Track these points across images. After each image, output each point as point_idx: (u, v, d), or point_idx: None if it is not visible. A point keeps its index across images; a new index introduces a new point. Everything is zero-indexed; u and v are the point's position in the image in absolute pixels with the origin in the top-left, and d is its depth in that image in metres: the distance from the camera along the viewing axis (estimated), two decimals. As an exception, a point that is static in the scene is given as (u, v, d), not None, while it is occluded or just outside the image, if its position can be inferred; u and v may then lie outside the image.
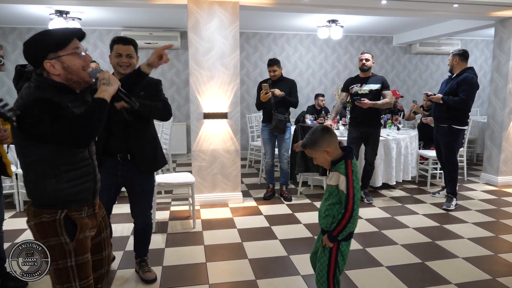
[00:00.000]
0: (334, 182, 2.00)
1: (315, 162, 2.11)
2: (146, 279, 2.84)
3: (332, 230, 2.02)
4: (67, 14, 5.72)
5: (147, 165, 2.68)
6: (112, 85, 1.63)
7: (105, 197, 2.65)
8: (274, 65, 4.66)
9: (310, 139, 2.05)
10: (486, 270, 3.02)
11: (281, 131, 4.67)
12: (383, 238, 3.70)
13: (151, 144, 2.69)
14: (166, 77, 7.50)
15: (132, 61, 2.56)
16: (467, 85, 4.32)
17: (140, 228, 2.84)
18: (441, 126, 4.59)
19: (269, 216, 4.30)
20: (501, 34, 5.50)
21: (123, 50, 2.53)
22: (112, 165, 2.60)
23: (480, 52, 8.72)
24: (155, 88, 2.68)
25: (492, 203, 4.77)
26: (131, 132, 2.57)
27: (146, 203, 2.80)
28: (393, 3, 4.71)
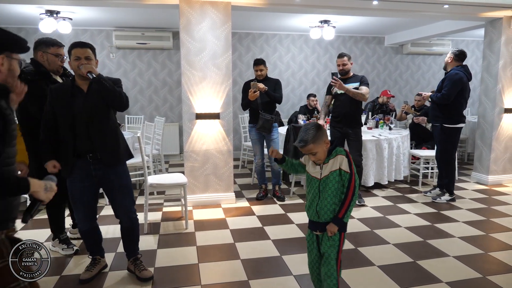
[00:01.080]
0: (335, 167, 2.09)
1: (312, 158, 2.12)
2: (143, 277, 2.84)
3: (337, 213, 2.08)
4: (57, 14, 5.67)
5: (110, 157, 2.69)
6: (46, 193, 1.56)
7: (86, 199, 2.72)
8: (261, 65, 4.67)
9: (311, 135, 2.08)
10: (477, 268, 3.04)
11: (267, 131, 4.66)
12: (375, 237, 3.72)
13: (112, 137, 2.71)
14: (159, 77, 7.47)
15: (91, 63, 2.61)
16: (449, 81, 4.45)
17: (127, 225, 2.85)
18: (435, 125, 4.72)
19: (262, 216, 4.30)
20: (491, 35, 5.56)
21: (81, 53, 2.59)
22: (84, 166, 2.66)
23: (471, 53, 8.79)
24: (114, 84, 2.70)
25: (483, 202, 4.81)
26: (93, 129, 2.62)
27: (128, 198, 2.82)
28: (384, 3, 4.73)
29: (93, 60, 2.65)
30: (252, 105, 4.68)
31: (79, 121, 2.59)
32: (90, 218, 2.82)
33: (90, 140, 2.62)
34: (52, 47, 3.06)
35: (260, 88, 4.50)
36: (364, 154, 4.94)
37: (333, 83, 4.31)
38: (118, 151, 2.74)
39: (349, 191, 2.06)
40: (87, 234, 2.86)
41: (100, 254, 2.98)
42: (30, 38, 6.82)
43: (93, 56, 2.65)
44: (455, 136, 4.63)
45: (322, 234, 2.16)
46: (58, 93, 2.64)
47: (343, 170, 2.07)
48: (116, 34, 6.93)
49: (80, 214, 2.77)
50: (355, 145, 4.59)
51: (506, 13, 5.20)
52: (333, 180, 2.09)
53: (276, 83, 4.75)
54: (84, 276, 2.84)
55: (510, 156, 5.71)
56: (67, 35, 6.77)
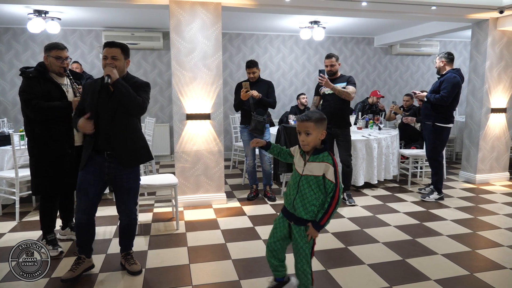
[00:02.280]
0: (319, 173, 2.10)
1: (302, 138, 2.13)
2: (132, 271, 2.94)
3: (319, 221, 2.13)
4: (46, 14, 5.62)
5: (127, 159, 2.78)
6: None
7: (92, 192, 2.77)
8: (254, 67, 4.67)
9: (316, 115, 2.13)
10: (465, 266, 3.09)
11: (260, 132, 4.66)
12: (365, 236, 3.75)
13: (132, 139, 2.82)
14: (149, 78, 7.44)
15: (117, 63, 2.74)
16: (448, 83, 4.54)
17: (125, 224, 2.95)
18: (426, 124, 4.81)
19: (253, 216, 4.31)
20: (478, 36, 5.65)
21: (109, 53, 2.73)
22: (100, 162, 2.75)
23: (459, 53, 8.91)
24: (140, 88, 2.84)
25: (470, 201, 4.89)
26: (114, 129, 2.72)
27: (132, 199, 2.92)
28: (373, 5, 4.78)
29: (121, 60, 2.76)
30: (245, 106, 4.69)
31: (102, 119, 2.69)
32: (89, 211, 2.82)
33: (110, 138, 2.71)
34: (53, 50, 3.16)
35: (254, 96, 4.51)
36: (354, 154, 4.98)
37: (320, 80, 4.35)
38: (136, 154, 2.83)
39: (333, 201, 2.10)
40: (82, 227, 2.84)
41: (86, 254, 2.96)
42: (18, 38, 6.75)
43: (122, 57, 2.77)
44: (446, 135, 4.76)
45: (297, 226, 2.21)
46: (89, 89, 2.77)
47: (328, 179, 2.09)
48: (105, 34, 6.89)
49: (82, 205, 2.79)
50: (344, 145, 4.62)
51: (492, 15, 5.29)
52: (313, 185, 2.12)
53: (269, 86, 4.74)
54: (66, 276, 2.79)
55: (497, 155, 5.81)
56: (56, 35, 6.71)
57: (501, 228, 3.95)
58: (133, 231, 3.04)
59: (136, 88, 2.77)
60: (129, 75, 2.88)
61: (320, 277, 2.93)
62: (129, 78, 2.83)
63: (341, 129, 4.58)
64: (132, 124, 2.83)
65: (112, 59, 2.71)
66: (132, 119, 2.82)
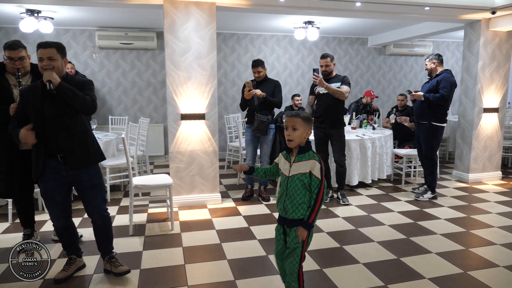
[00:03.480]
0: (305, 170, 2.13)
1: (287, 133, 2.16)
2: (119, 273, 2.86)
3: (307, 219, 2.15)
4: (38, 13, 5.57)
5: (78, 160, 2.68)
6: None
7: (59, 198, 2.71)
8: (259, 66, 4.67)
9: (305, 114, 2.21)
10: (458, 264, 3.12)
11: (263, 132, 4.67)
12: (360, 235, 3.77)
13: (81, 140, 2.69)
14: (143, 78, 7.41)
15: (54, 63, 2.59)
16: (446, 82, 4.60)
17: (99, 223, 2.86)
18: (422, 123, 4.83)
19: (248, 216, 4.31)
20: (470, 36, 5.70)
21: (44, 54, 2.58)
22: (55, 165, 2.66)
23: (451, 54, 8.99)
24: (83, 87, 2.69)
25: (464, 200, 4.93)
26: (61, 131, 2.62)
27: (99, 196, 2.82)
28: (367, 5, 4.80)
29: (58, 60, 2.61)
30: (249, 106, 4.69)
31: (49, 123, 2.58)
32: (64, 216, 2.80)
33: (59, 142, 2.62)
34: (6, 50, 3.10)
35: (258, 95, 4.50)
36: (348, 153, 5.00)
37: (314, 79, 4.36)
38: (87, 155, 2.72)
39: (318, 198, 2.13)
40: (61, 232, 2.84)
41: (76, 254, 2.95)
42: (10, 38, 6.68)
43: (59, 56, 2.62)
44: (441, 134, 4.82)
45: (290, 229, 2.21)
46: (28, 95, 2.63)
47: (314, 175, 2.12)
48: (99, 34, 6.85)
49: (54, 213, 2.76)
50: (338, 145, 4.64)
51: (484, 16, 5.34)
52: (300, 182, 2.14)
53: (276, 85, 4.74)
54: (58, 276, 2.78)
55: (489, 154, 5.86)
56: (49, 35, 6.66)
57: (494, 226, 3.99)
58: (110, 230, 2.93)
59: (79, 87, 2.64)
60: (68, 75, 2.72)
61: (315, 276, 2.94)
62: (69, 79, 2.68)
63: (336, 129, 4.60)
64: (80, 124, 2.70)
65: (49, 60, 2.56)
66: (79, 120, 2.70)
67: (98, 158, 2.83)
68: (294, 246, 2.18)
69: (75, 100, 2.58)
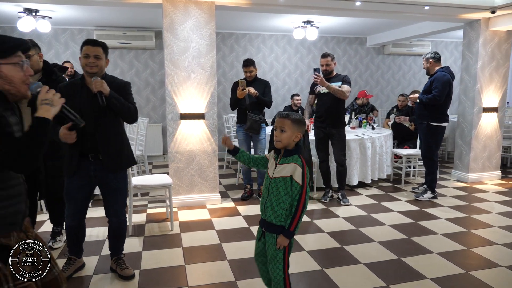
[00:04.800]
0: (287, 174, 2.04)
1: (276, 134, 2.07)
2: (124, 276, 2.87)
3: (288, 227, 2.04)
4: (36, 12, 5.53)
5: (112, 163, 2.69)
6: (56, 106, 1.56)
7: (80, 196, 2.72)
8: (251, 66, 4.65)
9: (296, 116, 2.11)
10: (460, 264, 3.11)
11: (256, 131, 4.65)
12: (360, 235, 3.75)
13: (117, 142, 2.72)
14: (141, 77, 7.38)
15: (99, 62, 2.61)
16: (438, 82, 4.57)
17: (115, 226, 2.88)
18: (421, 124, 4.83)
19: (248, 216, 4.29)
20: (470, 36, 5.69)
21: (91, 51, 2.60)
22: (85, 165, 2.66)
23: (450, 53, 8.99)
24: (123, 90, 2.73)
25: (463, 199, 4.92)
26: (98, 132, 2.62)
27: (120, 201, 2.84)
28: (367, 4, 4.78)
29: (103, 60, 2.64)
30: (241, 105, 4.67)
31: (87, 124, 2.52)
32: (79, 215, 2.80)
33: (94, 142, 2.62)
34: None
35: (251, 93, 4.47)
36: (348, 153, 4.99)
37: (315, 78, 4.34)
38: (121, 158, 2.74)
39: (299, 204, 2.02)
40: (73, 229, 2.83)
41: (76, 255, 2.94)
42: (8, 37, 6.63)
43: (104, 56, 2.64)
44: (440, 134, 4.79)
45: (268, 234, 2.12)
46: (67, 92, 2.53)
47: (295, 180, 2.02)
48: (97, 33, 6.81)
49: (71, 210, 2.76)
50: (339, 145, 4.63)
51: (483, 15, 5.33)
52: (283, 186, 2.04)
53: (266, 85, 4.72)
54: None
55: (489, 154, 5.86)
56: (46, 34, 6.62)
57: (494, 226, 3.98)
58: (124, 233, 2.97)
59: (119, 90, 2.66)
60: (107, 75, 2.72)
61: (317, 276, 2.92)
62: (108, 79, 2.68)
63: (336, 128, 4.58)
64: (117, 127, 2.73)
65: (95, 58, 2.58)
66: (117, 121, 2.72)
67: (130, 161, 2.85)
68: (273, 254, 2.08)
69: (121, 110, 2.61)
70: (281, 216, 2.06)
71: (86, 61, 2.59)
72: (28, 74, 1.53)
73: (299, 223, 2.05)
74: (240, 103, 4.63)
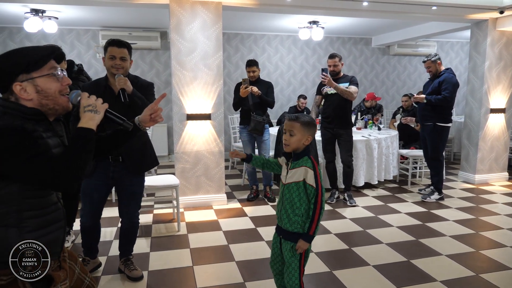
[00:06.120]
0: (299, 178, 2.00)
1: (285, 137, 2.03)
2: (133, 277, 2.85)
3: (307, 231, 2.01)
4: (43, 13, 5.54)
5: (136, 166, 2.71)
6: (100, 112, 1.42)
7: (97, 196, 2.72)
8: (254, 66, 4.63)
9: (306, 118, 2.05)
10: (470, 266, 3.08)
11: (259, 132, 4.63)
12: (368, 237, 3.73)
13: (140, 144, 2.72)
14: (146, 78, 7.34)
15: (125, 64, 2.61)
16: (448, 83, 4.55)
17: (126, 227, 2.87)
18: (426, 125, 4.79)
19: (254, 217, 4.28)
20: (477, 36, 5.66)
21: (117, 53, 2.57)
22: (104, 166, 2.65)
23: (455, 54, 8.95)
24: (146, 90, 2.73)
25: (471, 201, 4.89)
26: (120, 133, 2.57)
27: (135, 203, 2.85)
28: (374, 4, 4.76)
29: (128, 61, 2.63)
30: (244, 106, 4.65)
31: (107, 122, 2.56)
32: (95, 215, 2.80)
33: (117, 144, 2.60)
34: None
35: (254, 92, 4.46)
36: (354, 154, 4.96)
37: (323, 79, 4.33)
38: (142, 160, 2.74)
39: (316, 207, 1.98)
40: (88, 229, 2.83)
41: (91, 256, 2.94)
42: (14, 38, 6.67)
43: (129, 57, 2.63)
44: (446, 134, 4.78)
45: (285, 241, 2.09)
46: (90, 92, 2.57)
47: (308, 184, 1.98)
48: (102, 34, 6.82)
49: (86, 209, 2.76)
50: (346, 146, 4.61)
51: (491, 15, 5.30)
52: (296, 191, 2.01)
53: (269, 86, 4.70)
54: None
55: (496, 155, 5.82)
56: (53, 35, 6.64)
57: (503, 228, 3.95)
58: (135, 235, 2.96)
59: (142, 90, 2.68)
60: (130, 74, 2.74)
61: (326, 278, 2.91)
62: (132, 79, 2.70)
63: (344, 129, 4.57)
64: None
65: (121, 59, 2.58)
66: None
67: (153, 162, 2.85)
68: (289, 260, 2.05)
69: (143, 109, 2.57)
70: (297, 223, 2.02)
71: (112, 63, 2.57)
72: (66, 83, 1.42)
73: (318, 226, 2.02)
74: (243, 103, 4.61)
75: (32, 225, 1.32)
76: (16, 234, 1.30)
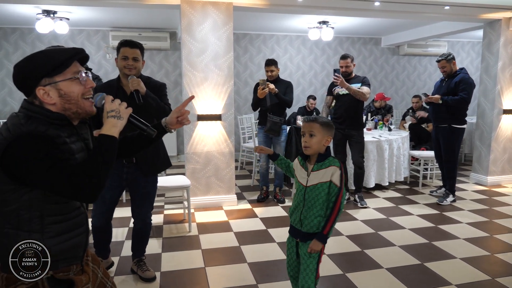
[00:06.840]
0: (327, 178, 1.99)
1: (305, 140, 2.02)
2: (146, 278, 2.86)
3: (322, 230, 1.99)
4: (54, 14, 5.57)
5: (149, 167, 2.71)
6: (123, 118, 1.37)
7: (109, 196, 2.71)
8: (272, 65, 4.61)
9: (324, 119, 2.05)
10: (485, 270, 3.04)
11: (275, 133, 4.61)
12: (380, 239, 3.70)
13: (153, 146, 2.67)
14: (156, 78, 7.31)
15: (137, 65, 2.62)
16: (466, 84, 4.48)
17: (139, 227, 2.87)
18: (441, 126, 4.70)
19: (265, 218, 4.27)
20: (490, 36, 5.59)
21: (130, 53, 2.59)
22: (117, 167, 2.65)
23: (466, 54, 8.86)
24: (159, 91, 2.73)
25: (484, 203, 4.83)
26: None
27: (148, 204, 2.85)
28: (386, 4, 4.72)
29: (140, 61, 2.64)
30: (262, 106, 4.64)
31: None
32: (106, 215, 2.81)
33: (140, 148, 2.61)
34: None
35: (271, 89, 4.42)
36: (365, 155, 4.92)
37: (335, 79, 4.30)
38: (157, 161, 2.75)
39: (335, 206, 1.97)
40: (99, 229, 2.83)
41: (103, 256, 2.95)
42: (25, 38, 6.72)
43: (141, 58, 2.64)
44: (461, 136, 4.74)
45: (303, 243, 2.06)
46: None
47: (333, 183, 1.97)
48: (112, 34, 6.85)
49: (98, 209, 2.77)
50: (358, 147, 4.58)
51: (505, 15, 5.23)
52: (322, 192, 1.99)
53: (288, 86, 4.66)
54: None
55: (509, 157, 5.75)
56: (63, 36, 6.68)
57: (517, 231, 3.90)
58: (147, 236, 2.96)
59: (155, 91, 2.68)
60: (143, 75, 2.74)
61: (338, 281, 2.89)
62: (144, 80, 2.69)
63: (356, 130, 4.54)
64: None
65: (133, 60, 2.58)
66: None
67: (166, 164, 2.86)
68: (308, 262, 2.03)
69: (157, 110, 2.60)
70: (319, 224, 2.01)
71: (124, 63, 2.58)
72: (90, 86, 1.38)
73: (333, 226, 2.00)
74: (261, 104, 4.60)
75: (54, 231, 1.31)
76: (39, 239, 1.28)
